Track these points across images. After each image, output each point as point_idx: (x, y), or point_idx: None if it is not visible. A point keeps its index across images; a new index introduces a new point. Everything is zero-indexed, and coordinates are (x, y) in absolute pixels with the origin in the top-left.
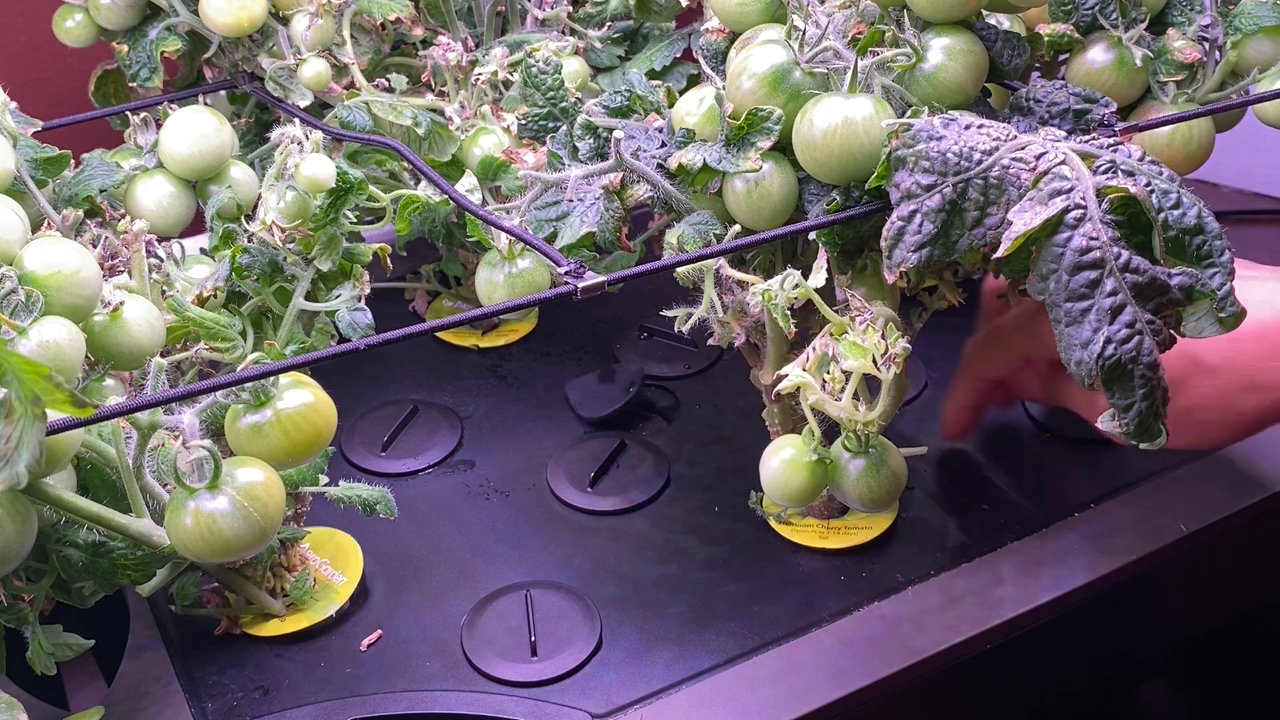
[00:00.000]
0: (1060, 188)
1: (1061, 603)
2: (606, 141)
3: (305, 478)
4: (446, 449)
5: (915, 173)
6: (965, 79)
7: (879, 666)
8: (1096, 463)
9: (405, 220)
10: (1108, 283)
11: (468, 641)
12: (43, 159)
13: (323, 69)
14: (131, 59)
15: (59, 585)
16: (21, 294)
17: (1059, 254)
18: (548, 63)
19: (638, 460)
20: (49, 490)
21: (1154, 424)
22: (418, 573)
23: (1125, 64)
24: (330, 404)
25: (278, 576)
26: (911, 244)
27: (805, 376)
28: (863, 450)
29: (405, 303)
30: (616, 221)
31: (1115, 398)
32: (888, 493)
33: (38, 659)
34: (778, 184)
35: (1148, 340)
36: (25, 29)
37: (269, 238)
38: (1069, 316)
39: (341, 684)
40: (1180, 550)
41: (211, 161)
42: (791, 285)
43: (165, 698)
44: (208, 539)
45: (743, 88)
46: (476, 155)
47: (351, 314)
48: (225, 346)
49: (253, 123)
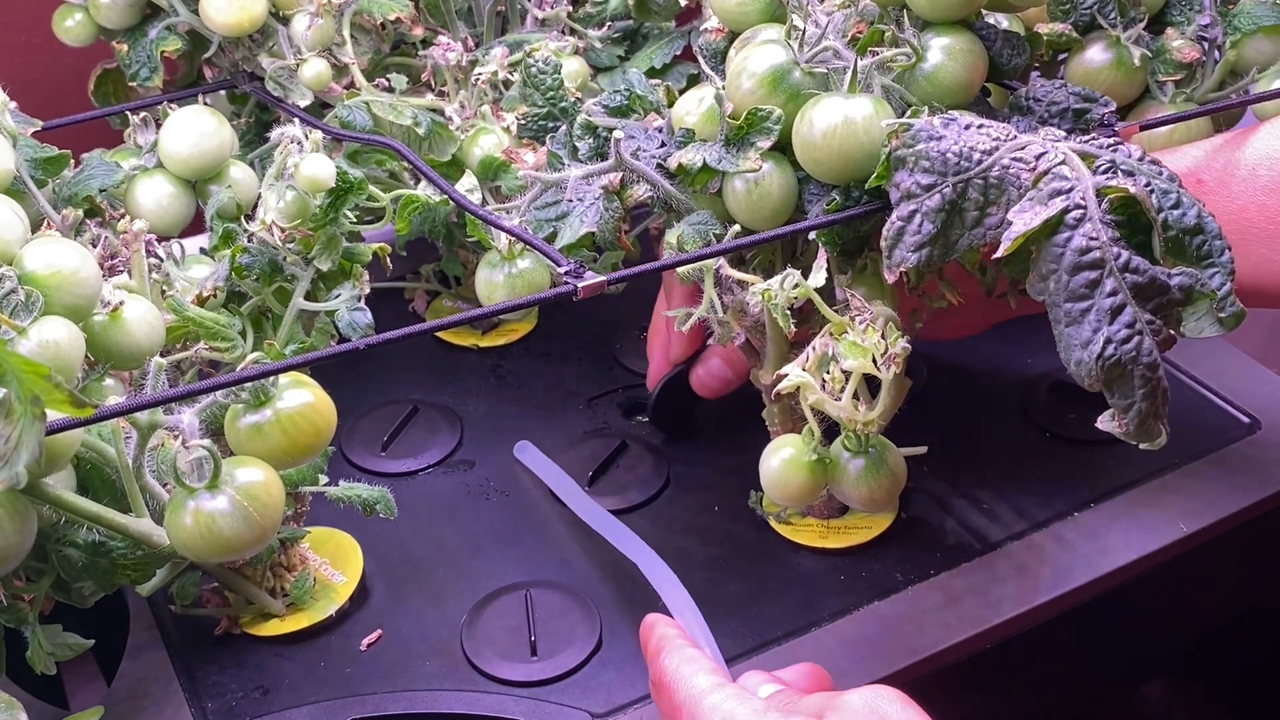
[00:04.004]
0: (1060, 188)
1: (1061, 602)
2: (606, 141)
3: (305, 478)
4: (446, 449)
5: (915, 173)
6: (965, 78)
7: (879, 666)
8: (1096, 463)
9: (405, 220)
10: (1107, 283)
11: (468, 641)
12: (42, 159)
13: (323, 69)
14: (131, 58)
15: (59, 585)
16: (21, 294)
17: (1059, 254)
18: (547, 63)
19: (637, 460)
20: (49, 490)
21: (1154, 424)
22: (418, 573)
23: (1124, 63)
24: (330, 404)
25: (278, 576)
26: (911, 244)
27: (805, 376)
28: (862, 450)
29: (405, 303)
30: (616, 222)
31: (1115, 398)
32: (887, 492)
33: (38, 659)
34: (777, 184)
35: (1147, 340)
36: (25, 29)
37: (269, 238)
38: (1069, 317)
39: (341, 684)
40: (1180, 550)
41: (211, 161)
42: (791, 285)
43: (165, 698)
44: (208, 539)
45: (742, 88)
46: (476, 155)
47: (351, 314)
48: (225, 346)
49: (253, 123)
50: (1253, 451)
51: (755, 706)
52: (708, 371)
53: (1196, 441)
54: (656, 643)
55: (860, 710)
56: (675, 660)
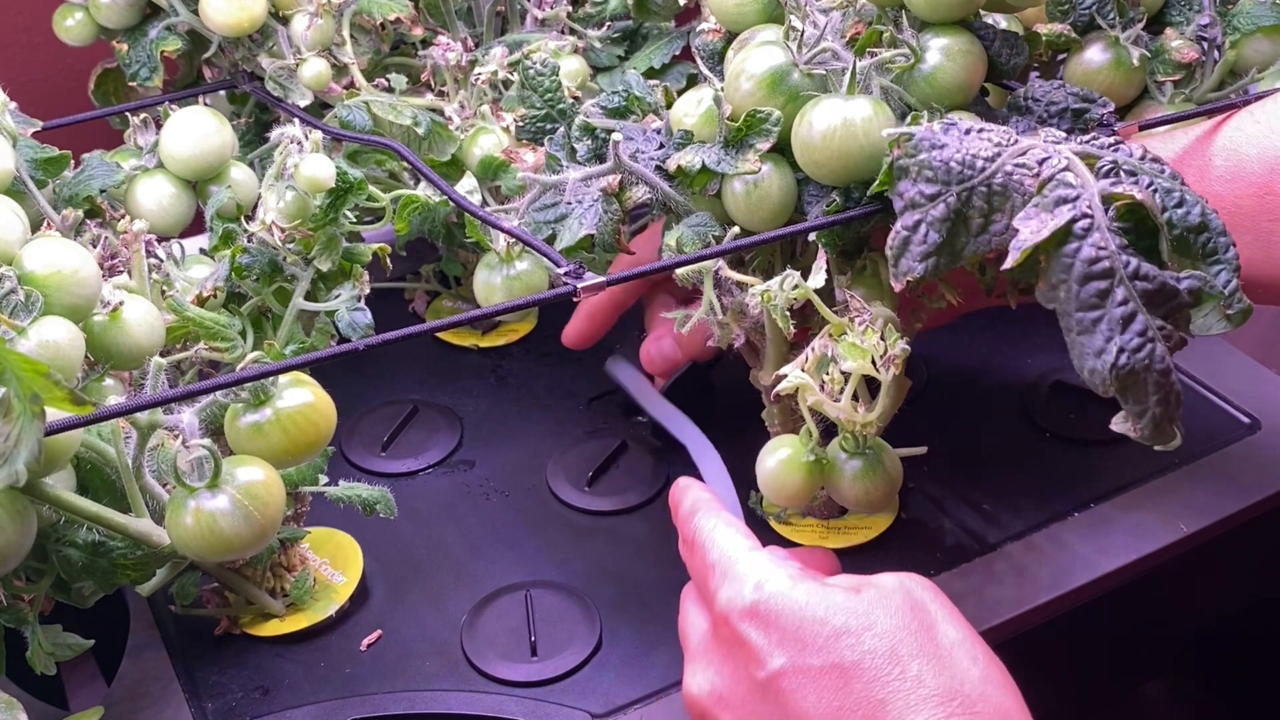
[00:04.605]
0: (1065, 195)
1: (1061, 603)
2: (604, 143)
3: (305, 477)
4: (446, 449)
5: (918, 182)
6: (964, 79)
7: None
8: (1096, 463)
9: (405, 220)
10: (1118, 292)
11: (468, 641)
12: (43, 159)
13: (323, 69)
14: (131, 58)
15: (59, 585)
16: (21, 294)
17: (1068, 264)
18: (545, 64)
19: (637, 460)
20: (49, 490)
21: (1168, 427)
22: (418, 573)
23: (1123, 63)
24: (330, 403)
25: (278, 576)
26: (918, 254)
27: (804, 378)
28: (859, 451)
29: (405, 303)
30: (615, 223)
31: (1130, 404)
32: (883, 494)
33: (38, 659)
34: (776, 185)
35: (1160, 347)
36: (25, 29)
37: (269, 238)
38: (1080, 326)
39: (341, 684)
40: (1180, 550)
41: (212, 162)
42: (791, 286)
43: (165, 698)
44: (208, 538)
45: (741, 89)
46: (476, 155)
47: (351, 314)
48: (225, 346)
49: (253, 123)
50: (1253, 451)
51: (791, 572)
52: (659, 350)
53: (1196, 441)
54: (691, 504)
55: (895, 589)
56: (711, 521)
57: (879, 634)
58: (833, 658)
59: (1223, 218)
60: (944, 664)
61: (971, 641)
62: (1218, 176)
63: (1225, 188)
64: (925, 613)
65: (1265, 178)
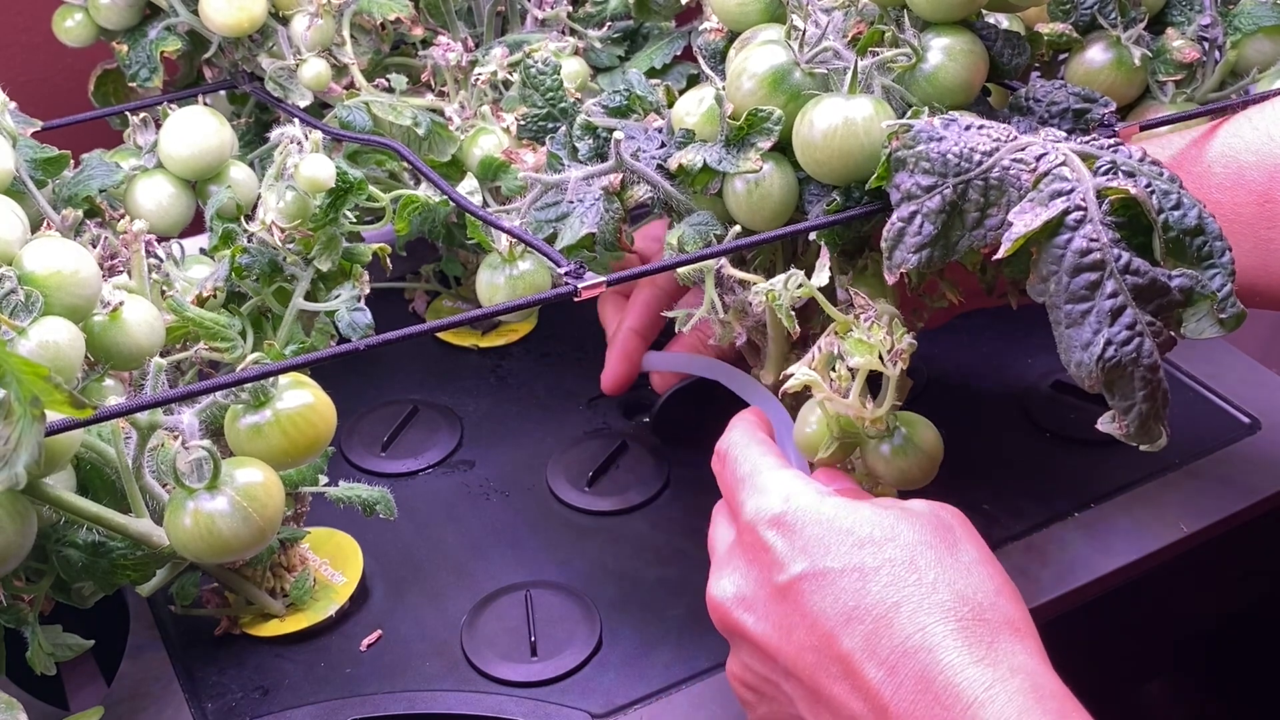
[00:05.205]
0: (1060, 189)
1: (1061, 603)
2: (606, 142)
3: (305, 478)
4: (446, 449)
5: (915, 174)
6: (965, 79)
7: None
8: (1096, 463)
9: (405, 220)
10: (1108, 284)
11: (467, 641)
12: (42, 159)
13: (323, 69)
14: (131, 59)
15: (59, 585)
16: (21, 294)
17: (1059, 256)
18: (546, 64)
19: (637, 460)
20: (49, 490)
21: (1155, 425)
22: (418, 573)
23: (1124, 63)
24: (330, 404)
25: (277, 577)
26: (912, 245)
27: (813, 375)
28: (888, 435)
29: (405, 303)
30: (616, 223)
31: (1116, 399)
32: (923, 470)
33: (38, 659)
34: (778, 184)
35: (1148, 342)
36: (25, 29)
37: (269, 238)
38: (1069, 318)
39: (341, 684)
40: (1180, 550)
41: (211, 162)
42: (795, 285)
43: (165, 698)
44: (207, 539)
45: (742, 88)
46: (476, 155)
47: (351, 314)
48: (225, 346)
49: (253, 123)
50: (1253, 451)
51: (820, 489)
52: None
53: (1196, 441)
54: (732, 423)
55: (925, 513)
56: (745, 437)
57: (901, 545)
58: (854, 562)
59: (1221, 224)
60: (959, 575)
61: (989, 562)
62: (1217, 184)
63: (1224, 195)
64: (950, 533)
65: (1264, 185)
